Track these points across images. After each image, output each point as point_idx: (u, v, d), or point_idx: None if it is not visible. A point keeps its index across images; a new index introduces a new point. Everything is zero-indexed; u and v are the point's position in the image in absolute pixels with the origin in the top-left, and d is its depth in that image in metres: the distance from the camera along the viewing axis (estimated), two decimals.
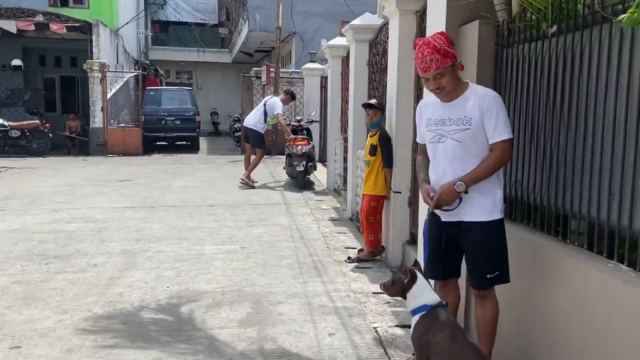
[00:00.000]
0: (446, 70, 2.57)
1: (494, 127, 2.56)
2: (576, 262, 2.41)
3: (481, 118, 2.57)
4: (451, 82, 2.61)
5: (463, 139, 2.62)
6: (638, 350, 1.99)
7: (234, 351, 3.27)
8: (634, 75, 2.15)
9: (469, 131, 2.60)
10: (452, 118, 2.65)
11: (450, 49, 2.60)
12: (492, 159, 2.59)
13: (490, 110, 2.56)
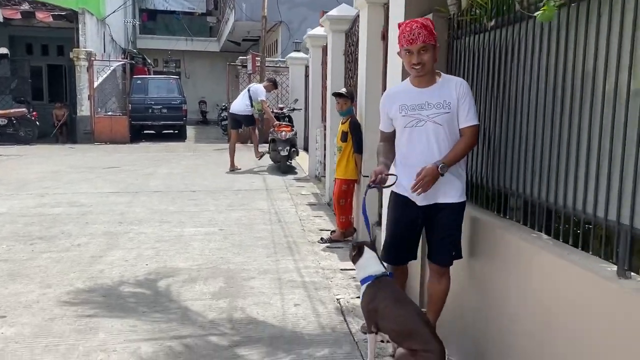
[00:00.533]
0: (429, 47, 2.73)
1: (467, 113, 2.76)
2: (509, 235, 2.68)
3: (457, 103, 2.76)
4: (430, 61, 2.76)
5: (443, 122, 2.77)
6: (557, 309, 2.27)
7: (205, 320, 3.54)
8: (551, 65, 2.42)
9: (448, 115, 2.76)
10: (431, 102, 2.79)
11: (435, 32, 2.79)
12: (464, 143, 2.77)
13: (465, 96, 2.76)
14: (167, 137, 17.40)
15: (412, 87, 2.86)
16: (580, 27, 2.23)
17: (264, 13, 15.49)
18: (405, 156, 2.91)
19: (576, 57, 2.26)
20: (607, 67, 2.07)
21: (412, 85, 2.87)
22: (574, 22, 2.27)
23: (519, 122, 2.72)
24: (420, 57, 2.74)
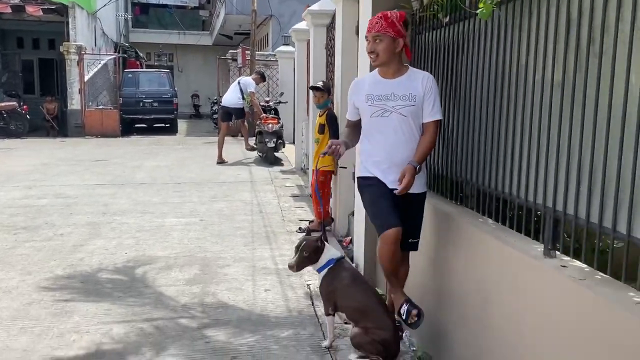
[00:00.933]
0: (385, 37, 2.74)
1: (431, 107, 2.79)
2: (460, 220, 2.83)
3: (423, 96, 2.78)
4: (386, 53, 2.77)
5: (408, 114, 2.79)
6: (496, 287, 2.43)
7: (177, 304, 3.70)
8: (494, 60, 2.56)
9: (413, 107, 2.78)
10: (397, 94, 2.80)
11: (398, 24, 2.77)
12: (429, 138, 2.80)
13: (430, 91, 2.79)
14: (158, 131, 17.50)
15: (380, 77, 2.89)
16: (515, 24, 2.37)
17: (253, 7, 15.57)
18: (370, 145, 2.91)
19: (513, 52, 2.41)
20: (535, 62, 2.21)
21: (379, 75, 2.90)
22: (511, 20, 2.41)
23: (468, 114, 2.87)
24: (373, 45, 2.78)
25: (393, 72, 2.85)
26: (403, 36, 2.79)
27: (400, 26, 2.77)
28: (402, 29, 2.78)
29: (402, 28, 2.79)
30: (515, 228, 2.43)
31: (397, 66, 2.85)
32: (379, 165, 2.86)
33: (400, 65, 2.87)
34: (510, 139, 2.43)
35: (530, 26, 2.25)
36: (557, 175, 2.08)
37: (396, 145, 2.82)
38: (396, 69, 2.85)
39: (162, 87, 17.63)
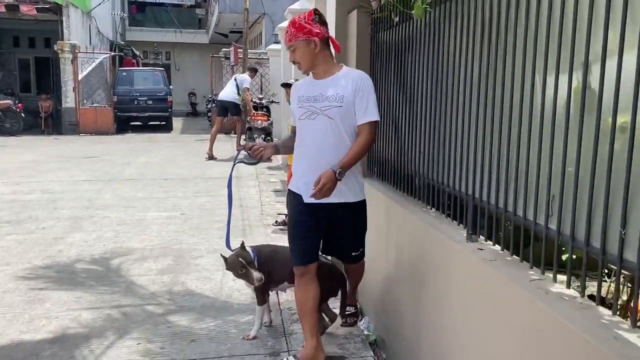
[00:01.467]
0: (298, 44, 2.60)
1: (364, 108, 2.61)
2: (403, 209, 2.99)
3: (353, 97, 2.61)
4: (305, 58, 2.63)
5: (335, 116, 2.63)
6: (427, 270, 2.58)
7: (147, 292, 3.86)
8: (432, 58, 2.71)
9: (340, 108, 2.62)
10: (324, 94, 2.64)
11: (307, 24, 2.59)
12: (362, 141, 2.62)
13: (363, 91, 2.61)
14: (153, 129, 17.66)
15: (312, 78, 2.76)
16: (446, 25, 2.52)
17: (245, 5, 15.72)
18: (299, 150, 2.77)
19: (445, 51, 2.56)
20: (466, 60, 2.37)
21: (312, 76, 2.76)
22: (442, 20, 2.56)
23: (413, 110, 3.02)
24: (293, 55, 2.67)
25: (323, 72, 2.70)
26: (317, 34, 2.60)
27: (311, 24, 2.59)
28: (313, 27, 2.59)
29: (314, 25, 2.60)
30: (452, 216, 2.59)
31: (325, 66, 2.70)
32: (305, 175, 2.70)
33: (330, 65, 2.72)
34: (442, 133, 2.58)
35: (457, 26, 2.40)
36: (475, 166, 2.24)
37: (322, 150, 2.65)
38: (325, 69, 2.70)
39: (156, 85, 17.78)
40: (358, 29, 3.87)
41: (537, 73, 1.80)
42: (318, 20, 2.64)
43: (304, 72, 2.79)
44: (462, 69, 2.36)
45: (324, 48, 2.67)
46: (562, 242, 1.68)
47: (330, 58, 2.73)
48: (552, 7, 1.71)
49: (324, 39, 2.65)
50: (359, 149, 2.62)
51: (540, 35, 1.76)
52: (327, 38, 2.68)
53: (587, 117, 1.55)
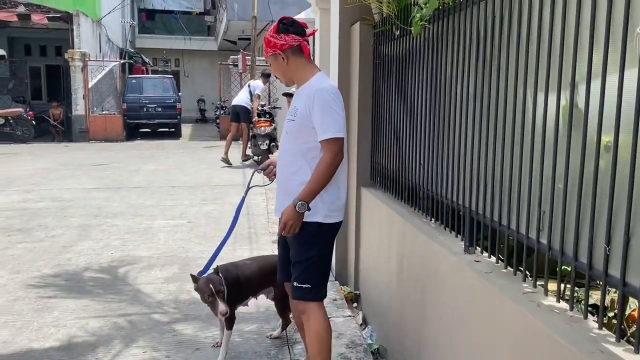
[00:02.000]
0: (269, 59, 2.53)
1: (319, 125, 2.40)
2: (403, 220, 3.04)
3: (307, 112, 2.42)
4: (278, 71, 2.55)
5: (291, 131, 2.52)
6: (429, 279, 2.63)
7: (153, 300, 3.92)
8: (431, 71, 2.77)
9: (294, 122, 2.48)
10: (292, 106, 2.57)
11: (272, 38, 2.47)
12: (322, 163, 2.39)
13: (314, 107, 2.40)
14: (162, 135, 17.81)
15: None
16: (443, 40, 2.57)
17: (254, 13, 15.85)
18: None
19: (443, 65, 2.61)
20: (462, 75, 2.42)
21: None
22: (440, 36, 2.61)
23: (413, 122, 3.07)
24: (272, 70, 2.61)
25: (300, 81, 2.56)
26: (282, 46, 2.45)
27: (276, 37, 2.46)
28: (278, 39, 2.45)
29: (279, 37, 2.45)
30: (450, 228, 2.63)
31: (300, 74, 2.54)
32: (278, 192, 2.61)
33: (306, 72, 2.53)
34: (441, 145, 2.63)
35: (453, 42, 2.45)
36: (472, 181, 2.28)
37: (281, 168, 2.57)
38: (301, 77, 2.54)
39: (165, 92, 17.94)
40: (361, 41, 3.93)
41: (529, 90, 1.84)
42: (283, 30, 2.46)
43: (286, 85, 2.78)
44: (458, 83, 2.41)
45: (296, 57, 2.50)
46: (552, 256, 1.72)
47: (304, 65, 2.53)
48: (542, 27, 1.76)
49: (292, 48, 2.47)
50: (316, 173, 2.39)
51: (531, 54, 1.81)
52: (296, 46, 2.48)
53: (574, 135, 1.59)
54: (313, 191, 2.38)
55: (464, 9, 2.31)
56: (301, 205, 2.36)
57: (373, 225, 3.77)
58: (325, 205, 2.48)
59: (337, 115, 2.42)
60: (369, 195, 3.84)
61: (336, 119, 2.41)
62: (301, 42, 2.49)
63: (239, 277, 3.06)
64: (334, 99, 2.42)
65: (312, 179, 2.40)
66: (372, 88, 3.94)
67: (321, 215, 2.48)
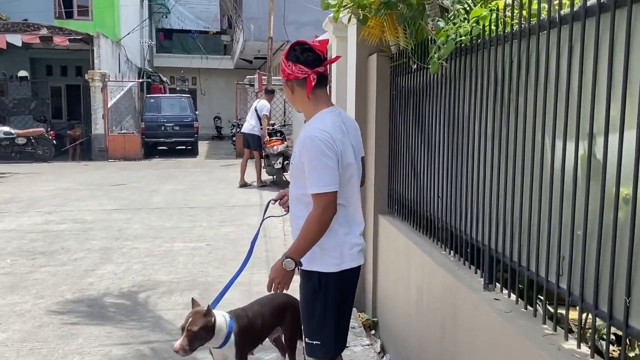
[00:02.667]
0: (284, 84, 2.37)
1: (307, 177, 2.19)
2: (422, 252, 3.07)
3: (300, 159, 2.24)
4: (290, 100, 2.40)
5: (292, 174, 2.35)
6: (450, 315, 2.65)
7: (174, 327, 3.98)
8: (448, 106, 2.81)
9: (293, 166, 2.31)
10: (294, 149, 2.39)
11: (285, 64, 2.28)
12: (310, 218, 2.18)
13: (304, 156, 2.20)
14: (179, 153, 18.03)
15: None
16: (461, 78, 2.62)
17: (270, 34, 16.08)
18: None
19: (460, 101, 2.65)
20: (480, 113, 2.46)
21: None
22: (458, 73, 2.66)
23: (429, 154, 3.12)
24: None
25: (306, 116, 2.39)
26: (288, 75, 2.28)
27: (285, 64, 2.27)
28: (286, 66, 2.27)
29: (288, 65, 2.26)
30: (469, 262, 2.66)
31: (304, 110, 2.38)
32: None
33: (311, 107, 2.32)
34: (460, 180, 2.67)
35: (471, 81, 2.50)
36: (490, 219, 2.32)
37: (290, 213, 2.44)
38: (307, 112, 2.36)
39: (183, 111, 18.21)
40: (378, 72, 4.00)
41: (547, 136, 1.88)
42: (293, 59, 2.25)
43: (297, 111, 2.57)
44: (476, 121, 2.45)
45: (302, 89, 2.27)
46: (572, 301, 1.74)
47: (308, 101, 2.30)
48: (559, 76, 1.80)
49: (298, 80, 2.26)
50: (305, 229, 2.19)
51: (549, 100, 1.86)
52: (302, 79, 2.25)
53: (593, 185, 1.63)
54: (302, 247, 2.19)
55: (481, 49, 2.36)
56: (288, 263, 2.18)
57: (391, 254, 3.81)
58: (325, 252, 2.27)
59: (326, 167, 2.15)
60: (387, 224, 3.87)
61: (324, 173, 2.15)
62: (309, 74, 2.23)
63: (253, 325, 2.95)
64: (323, 149, 2.15)
65: (300, 234, 2.20)
66: (389, 117, 3.99)
67: (321, 264, 2.28)
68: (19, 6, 17.68)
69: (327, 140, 2.17)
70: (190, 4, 28.41)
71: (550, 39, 1.85)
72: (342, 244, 2.30)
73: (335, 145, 2.19)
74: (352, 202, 2.35)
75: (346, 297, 2.41)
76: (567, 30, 1.73)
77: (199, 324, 2.60)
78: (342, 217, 2.28)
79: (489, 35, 2.29)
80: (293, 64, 2.24)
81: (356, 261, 2.37)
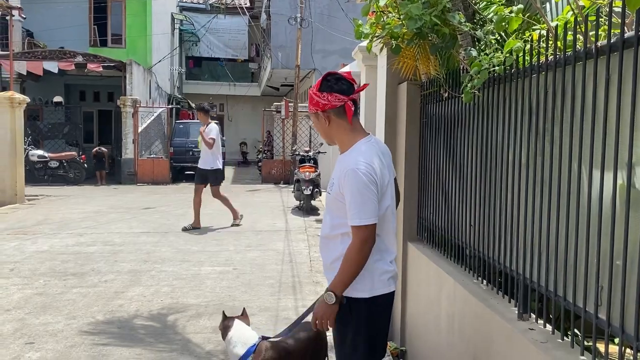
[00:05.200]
0: (312, 116, 2.41)
1: (348, 209, 2.21)
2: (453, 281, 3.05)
3: (340, 190, 2.25)
4: (319, 130, 2.42)
5: (329, 204, 2.37)
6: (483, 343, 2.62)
7: (202, 350, 4.01)
8: (480, 135, 2.83)
9: (330, 197, 2.34)
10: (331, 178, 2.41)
11: (315, 95, 2.30)
12: (350, 249, 2.21)
13: (345, 188, 2.22)
14: None
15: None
16: (494, 107, 2.65)
17: (297, 62, 16.36)
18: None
19: (493, 130, 2.67)
20: (514, 142, 2.48)
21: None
22: (490, 102, 2.69)
23: (460, 182, 3.12)
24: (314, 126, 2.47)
25: (342, 145, 2.40)
26: (324, 106, 2.29)
27: (318, 96, 2.29)
28: (321, 98, 2.28)
29: (322, 96, 2.28)
30: (502, 291, 2.64)
31: (342, 138, 2.38)
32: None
33: (349, 136, 2.35)
34: (492, 208, 2.67)
35: (504, 110, 2.53)
36: (525, 248, 2.31)
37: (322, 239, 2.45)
38: (342, 141, 2.38)
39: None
40: (408, 100, 4.04)
41: (583, 166, 1.89)
42: (327, 89, 2.28)
43: (328, 144, 2.57)
44: (510, 150, 2.46)
45: (338, 119, 2.31)
46: (612, 333, 1.72)
47: (346, 130, 2.34)
48: (596, 105, 1.81)
49: (334, 109, 2.29)
50: (345, 261, 2.22)
51: (585, 131, 1.86)
52: (340, 107, 2.29)
53: (632, 213, 1.62)
54: (344, 281, 2.22)
55: (515, 79, 2.39)
56: (329, 297, 2.22)
57: (420, 282, 3.78)
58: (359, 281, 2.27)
59: (368, 201, 2.19)
60: (416, 251, 3.86)
61: (365, 205, 2.19)
62: (346, 102, 2.27)
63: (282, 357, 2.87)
64: (365, 182, 2.19)
65: (341, 267, 2.22)
66: (419, 144, 4.02)
67: (352, 290, 2.28)
68: (57, 35, 18.39)
69: (370, 173, 2.20)
70: (219, 33, 29.08)
71: (586, 69, 1.86)
72: (373, 271, 2.31)
73: (377, 177, 2.23)
74: (386, 230, 2.37)
75: (379, 324, 2.40)
76: (605, 61, 1.75)
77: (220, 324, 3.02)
78: (375, 245, 2.28)
79: (522, 66, 2.31)
80: (328, 94, 2.27)
81: (387, 288, 2.37)
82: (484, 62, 2.52)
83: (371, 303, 2.32)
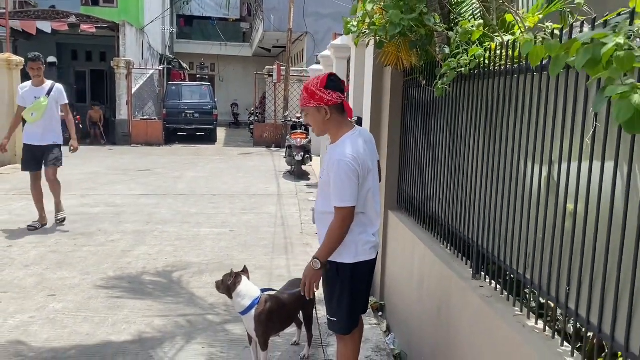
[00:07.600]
0: (309, 110, 2.69)
1: (332, 191, 2.63)
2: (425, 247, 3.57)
3: (328, 177, 2.66)
4: (317, 123, 2.72)
5: (321, 186, 2.77)
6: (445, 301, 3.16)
7: (206, 303, 4.54)
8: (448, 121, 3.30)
9: (322, 180, 2.75)
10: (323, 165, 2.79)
11: (319, 91, 2.62)
12: (331, 226, 2.65)
13: (331, 174, 2.63)
14: (198, 140, 18.63)
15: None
16: (461, 98, 3.11)
17: (289, 26, 16.52)
18: None
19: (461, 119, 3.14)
20: (471, 128, 2.95)
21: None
22: (459, 94, 3.14)
23: (435, 158, 3.61)
24: (306, 119, 2.81)
25: (334, 137, 2.76)
26: (328, 101, 2.64)
27: (323, 92, 2.63)
28: (325, 94, 2.63)
29: (327, 92, 2.64)
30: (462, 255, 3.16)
31: (336, 130, 2.74)
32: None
33: (341, 130, 2.74)
34: (456, 186, 3.16)
35: (468, 103, 2.99)
36: (479, 216, 2.81)
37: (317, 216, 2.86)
38: (335, 133, 2.75)
39: (203, 99, 18.80)
40: (392, 84, 4.47)
41: (521, 156, 2.37)
42: (331, 87, 2.65)
43: (317, 136, 2.98)
44: (471, 136, 2.93)
45: (337, 113, 2.70)
46: (534, 287, 2.24)
47: (342, 123, 2.74)
48: (532, 109, 2.28)
49: (336, 105, 2.68)
50: (328, 235, 2.67)
51: (524, 128, 2.34)
52: (340, 104, 2.69)
53: (551, 196, 2.12)
54: (327, 250, 2.67)
55: (476, 79, 2.84)
56: (315, 263, 2.66)
57: (398, 245, 4.31)
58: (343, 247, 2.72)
59: (348, 187, 2.59)
60: (395, 219, 4.37)
61: (345, 191, 2.59)
62: (343, 99, 2.71)
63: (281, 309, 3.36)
64: (347, 172, 2.58)
65: (325, 239, 2.68)
66: (401, 123, 4.47)
67: (339, 256, 2.73)
68: None
69: (352, 164, 2.60)
70: None
71: (526, 80, 2.33)
72: (357, 241, 2.76)
73: (359, 168, 2.63)
74: (369, 208, 2.79)
75: (360, 285, 2.89)
76: (538, 76, 2.21)
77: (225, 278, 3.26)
78: (359, 220, 2.74)
79: (482, 70, 2.76)
80: (332, 91, 2.65)
81: (369, 255, 2.84)
82: (452, 64, 2.96)
83: (354, 268, 2.79)
